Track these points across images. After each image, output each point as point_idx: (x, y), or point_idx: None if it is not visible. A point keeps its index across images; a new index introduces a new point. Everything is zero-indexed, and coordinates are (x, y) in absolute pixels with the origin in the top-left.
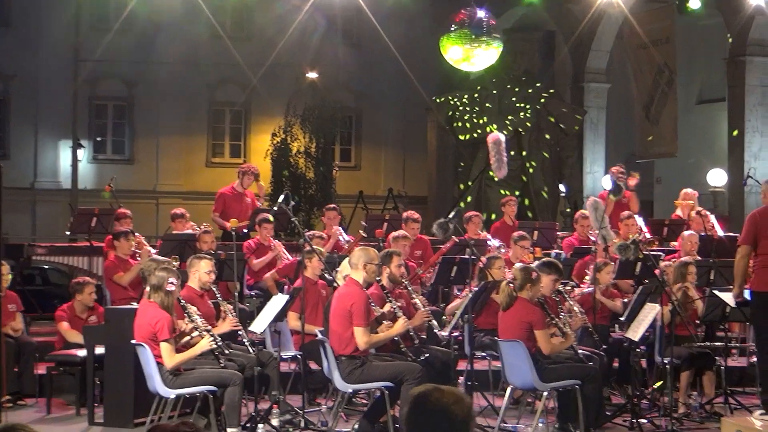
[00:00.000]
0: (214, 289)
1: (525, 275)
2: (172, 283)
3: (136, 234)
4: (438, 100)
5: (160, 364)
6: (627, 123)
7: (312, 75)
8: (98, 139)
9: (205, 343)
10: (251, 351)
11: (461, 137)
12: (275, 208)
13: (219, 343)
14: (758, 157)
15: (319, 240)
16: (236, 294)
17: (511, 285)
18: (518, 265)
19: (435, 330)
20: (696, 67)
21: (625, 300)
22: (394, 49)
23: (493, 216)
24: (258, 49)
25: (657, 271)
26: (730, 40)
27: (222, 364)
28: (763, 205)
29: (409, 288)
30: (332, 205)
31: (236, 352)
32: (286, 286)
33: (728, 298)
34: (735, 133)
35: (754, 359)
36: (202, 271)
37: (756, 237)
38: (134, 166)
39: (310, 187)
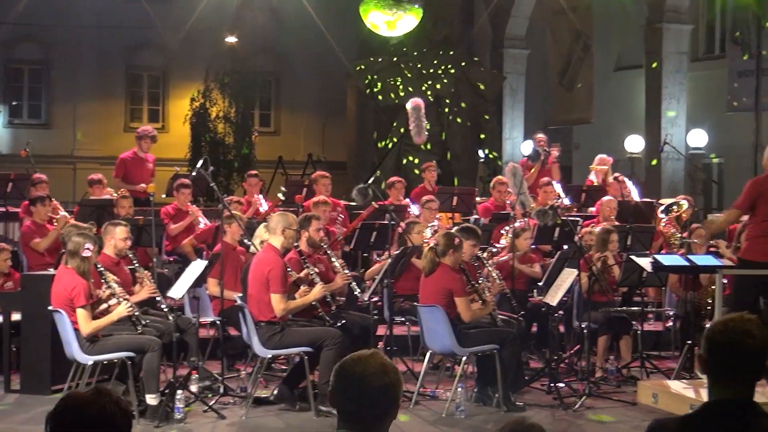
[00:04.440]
0: (130, 255)
1: (448, 241)
2: (88, 248)
3: (53, 199)
4: (357, 69)
5: (77, 331)
6: (546, 89)
7: (231, 39)
8: (14, 103)
9: (122, 309)
10: (170, 317)
11: (381, 103)
12: (194, 174)
13: (136, 311)
14: (675, 123)
15: (237, 205)
16: (154, 260)
17: (434, 251)
18: (442, 230)
19: (356, 293)
20: (614, 34)
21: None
22: (313, 13)
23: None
24: (176, 12)
25: (576, 237)
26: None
27: (139, 331)
28: (765, 172)
29: (329, 252)
30: (254, 172)
31: (155, 318)
32: (204, 252)
33: (645, 263)
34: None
35: (670, 324)
36: (117, 238)
37: (755, 204)
38: (51, 130)
39: (230, 152)
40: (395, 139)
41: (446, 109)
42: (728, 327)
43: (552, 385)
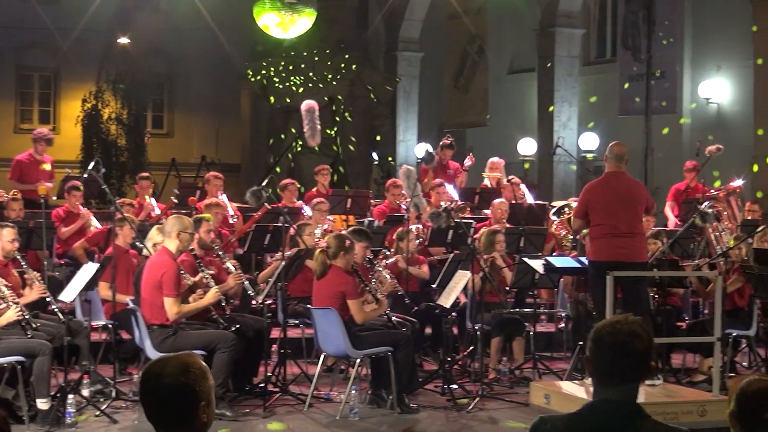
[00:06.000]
0: (19, 258)
1: (339, 243)
2: None
3: None
4: (251, 71)
5: None
6: (440, 92)
7: (123, 40)
8: None
9: (12, 314)
10: (61, 320)
11: (275, 105)
12: (85, 176)
13: (26, 314)
14: (567, 126)
15: (129, 208)
16: (45, 263)
17: (325, 253)
18: (332, 232)
19: (249, 292)
20: (507, 37)
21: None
22: (207, 14)
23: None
24: (67, 12)
25: (470, 240)
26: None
27: (29, 335)
28: (602, 176)
29: (220, 253)
30: (145, 174)
31: (46, 321)
32: (96, 255)
33: (537, 265)
34: (551, 108)
35: (562, 325)
36: (4, 240)
37: (588, 210)
38: None
39: (122, 154)
40: (292, 142)
41: (340, 111)
42: (615, 329)
43: (446, 386)
